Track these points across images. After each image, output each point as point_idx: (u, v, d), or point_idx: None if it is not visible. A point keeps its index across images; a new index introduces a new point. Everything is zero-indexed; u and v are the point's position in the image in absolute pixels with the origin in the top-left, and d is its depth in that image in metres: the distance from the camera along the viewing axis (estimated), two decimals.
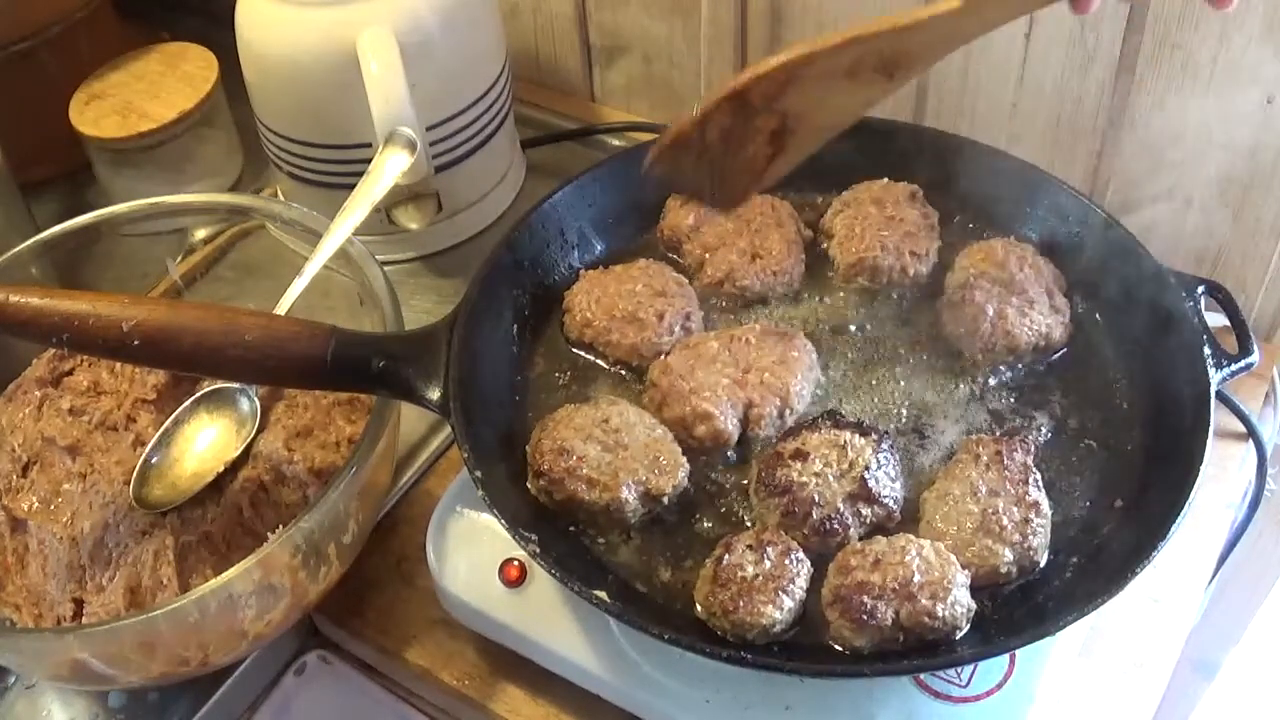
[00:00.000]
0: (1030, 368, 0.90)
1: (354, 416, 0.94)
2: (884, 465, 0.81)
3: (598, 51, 1.31)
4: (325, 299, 0.95)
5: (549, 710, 0.85)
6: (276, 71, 1.06)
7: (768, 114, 0.76)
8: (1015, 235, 0.98)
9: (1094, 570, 0.78)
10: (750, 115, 0.76)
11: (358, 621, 0.91)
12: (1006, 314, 0.89)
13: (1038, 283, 0.92)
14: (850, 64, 0.73)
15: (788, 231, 0.98)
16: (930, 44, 0.72)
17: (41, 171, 1.26)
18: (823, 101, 0.75)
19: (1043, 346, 0.90)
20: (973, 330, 0.89)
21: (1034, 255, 0.94)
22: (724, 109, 0.76)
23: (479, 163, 1.14)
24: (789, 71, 0.73)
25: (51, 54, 1.23)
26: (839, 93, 0.75)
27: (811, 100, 0.75)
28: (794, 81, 0.74)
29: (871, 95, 0.75)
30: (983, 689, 0.77)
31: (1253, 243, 1.02)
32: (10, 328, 0.77)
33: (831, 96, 0.75)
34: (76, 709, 0.88)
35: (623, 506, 0.81)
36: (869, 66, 0.73)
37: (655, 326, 0.92)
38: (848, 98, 0.76)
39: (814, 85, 0.74)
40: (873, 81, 0.74)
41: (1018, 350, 0.89)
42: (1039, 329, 0.89)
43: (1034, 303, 0.90)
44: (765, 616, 0.74)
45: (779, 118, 0.76)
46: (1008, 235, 0.98)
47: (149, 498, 0.88)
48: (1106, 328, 0.93)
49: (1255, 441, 0.98)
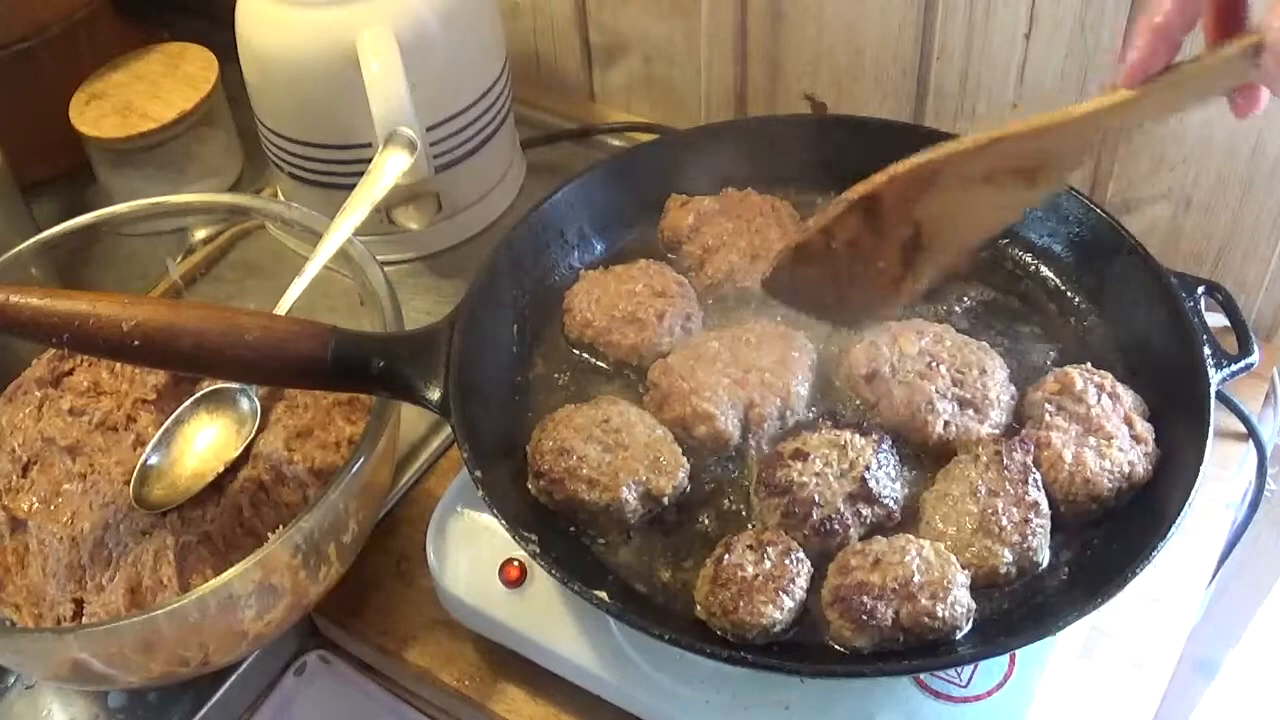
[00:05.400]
0: None
1: (354, 416, 0.94)
2: (884, 465, 0.81)
3: (598, 51, 1.31)
4: (325, 299, 0.95)
5: (549, 710, 0.85)
6: (276, 71, 1.06)
7: (901, 223, 0.71)
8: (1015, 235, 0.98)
9: (1094, 570, 0.78)
10: (881, 223, 0.71)
11: (358, 621, 0.91)
12: (1085, 459, 0.81)
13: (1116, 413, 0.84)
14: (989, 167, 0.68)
15: (788, 231, 0.98)
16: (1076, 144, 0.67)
17: (41, 171, 1.26)
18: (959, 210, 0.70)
19: (1125, 488, 0.81)
20: (1051, 479, 0.81)
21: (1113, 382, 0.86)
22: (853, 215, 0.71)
23: (479, 163, 1.14)
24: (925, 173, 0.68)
25: (51, 54, 1.23)
26: (977, 200, 0.70)
27: (948, 208, 0.70)
28: (930, 186, 0.69)
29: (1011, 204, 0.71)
30: (983, 689, 0.77)
31: (1253, 243, 1.02)
32: (10, 328, 0.77)
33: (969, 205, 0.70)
34: (76, 709, 0.88)
35: (623, 506, 0.81)
36: (1009, 170, 0.68)
37: (655, 326, 0.92)
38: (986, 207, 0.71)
39: (951, 191, 0.69)
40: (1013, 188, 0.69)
41: (1100, 498, 0.81)
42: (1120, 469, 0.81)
43: (1113, 438, 0.82)
44: (765, 616, 0.74)
45: (912, 227, 0.72)
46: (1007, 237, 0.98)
47: (149, 498, 0.88)
48: (1106, 327, 0.93)
49: (1255, 441, 0.98)
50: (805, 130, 1.04)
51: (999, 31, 1.03)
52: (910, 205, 0.70)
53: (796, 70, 1.18)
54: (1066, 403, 0.84)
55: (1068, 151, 0.67)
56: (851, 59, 1.13)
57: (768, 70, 1.19)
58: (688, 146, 1.04)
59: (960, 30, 1.05)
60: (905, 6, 1.07)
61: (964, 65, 1.07)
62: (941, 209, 0.70)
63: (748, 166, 1.02)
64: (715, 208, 1.00)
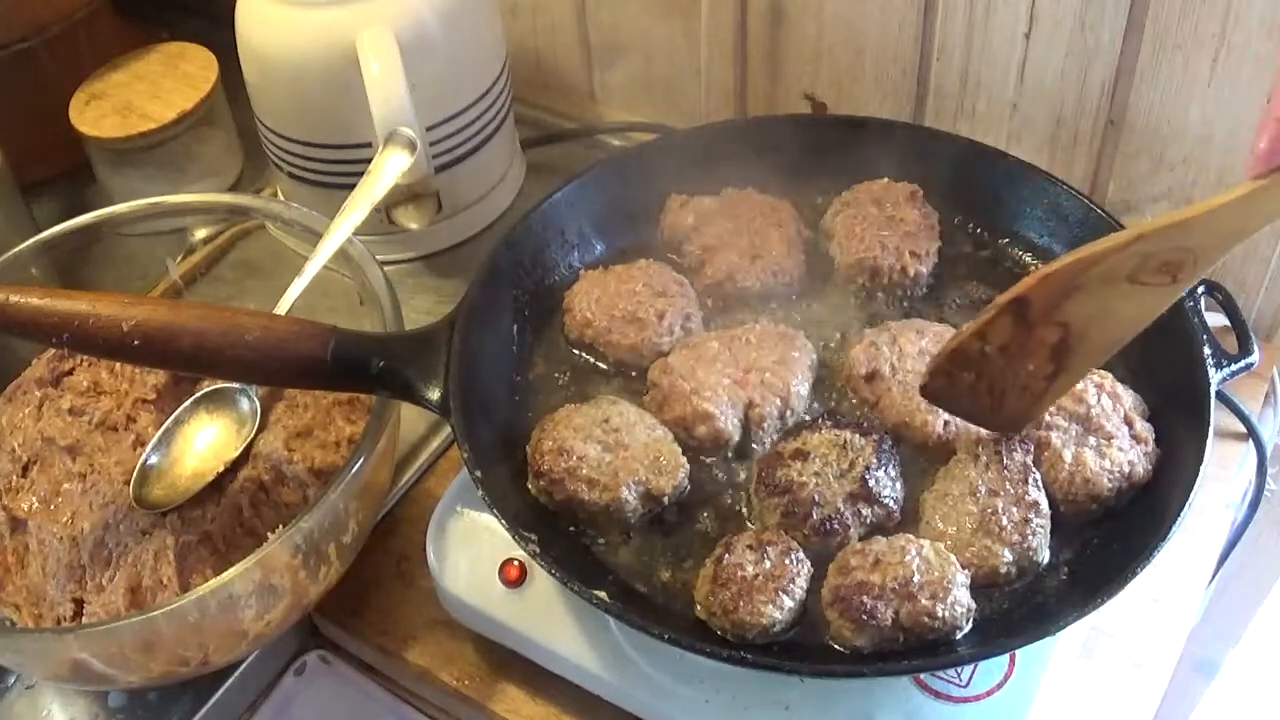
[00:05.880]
0: None
1: (354, 416, 0.94)
2: (884, 465, 0.81)
3: (598, 51, 1.31)
4: (325, 299, 0.95)
5: (549, 710, 0.85)
6: (276, 71, 1.06)
7: (1048, 326, 0.74)
8: (1015, 235, 0.98)
9: (1094, 570, 0.78)
10: (1031, 327, 0.74)
11: (358, 621, 0.91)
12: (1084, 458, 0.81)
13: (1116, 412, 0.84)
14: (1134, 266, 0.70)
15: (788, 231, 0.98)
16: (1220, 236, 0.68)
17: (41, 171, 1.26)
18: (1104, 311, 0.73)
19: (1125, 488, 0.81)
20: (1052, 479, 0.81)
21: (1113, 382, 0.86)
22: (1005, 317, 0.74)
23: (479, 163, 1.14)
24: (1072, 274, 0.71)
25: (51, 54, 1.23)
26: (1121, 300, 0.72)
27: (1093, 309, 0.73)
28: (1076, 289, 0.72)
29: (1154, 303, 0.73)
30: (983, 689, 0.77)
31: (1253, 243, 1.02)
32: (10, 328, 0.77)
33: (1113, 305, 0.72)
34: (76, 709, 0.88)
35: (623, 506, 0.81)
36: (1153, 268, 0.70)
37: (655, 326, 0.92)
38: (1129, 306, 0.73)
39: (1096, 292, 0.71)
40: (1156, 285, 0.71)
41: (1100, 498, 0.81)
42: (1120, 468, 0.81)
43: (1113, 437, 0.83)
44: (765, 616, 0.74)
45: (1060, 330, 0.74)
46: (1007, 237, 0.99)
47: (149, 498, 0.88)
48: None
49: (1255, 441, 0.98)
50: (805, 130, 1.04)
51: (999, 31, 1.03)
52: (1057, 309, 0.73)
53: (796, 70, 1.18)
54: (1066, 402, 0.84)
55: (1208, 246, 0.69)
56: (851, 59, 1.13)
57: (768, 70, 1.19)
58: (688, 146, 1.04)
59: (960, 30, 1.05)
60: (905, 6, 1.07)
61: (964, 65, 1.07)
62: (1088, 309, 0.73)
63: (748, 166, 1.02)
64: (715, 208, 1.00)
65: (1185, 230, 0.68)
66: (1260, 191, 0.65)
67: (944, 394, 0.80)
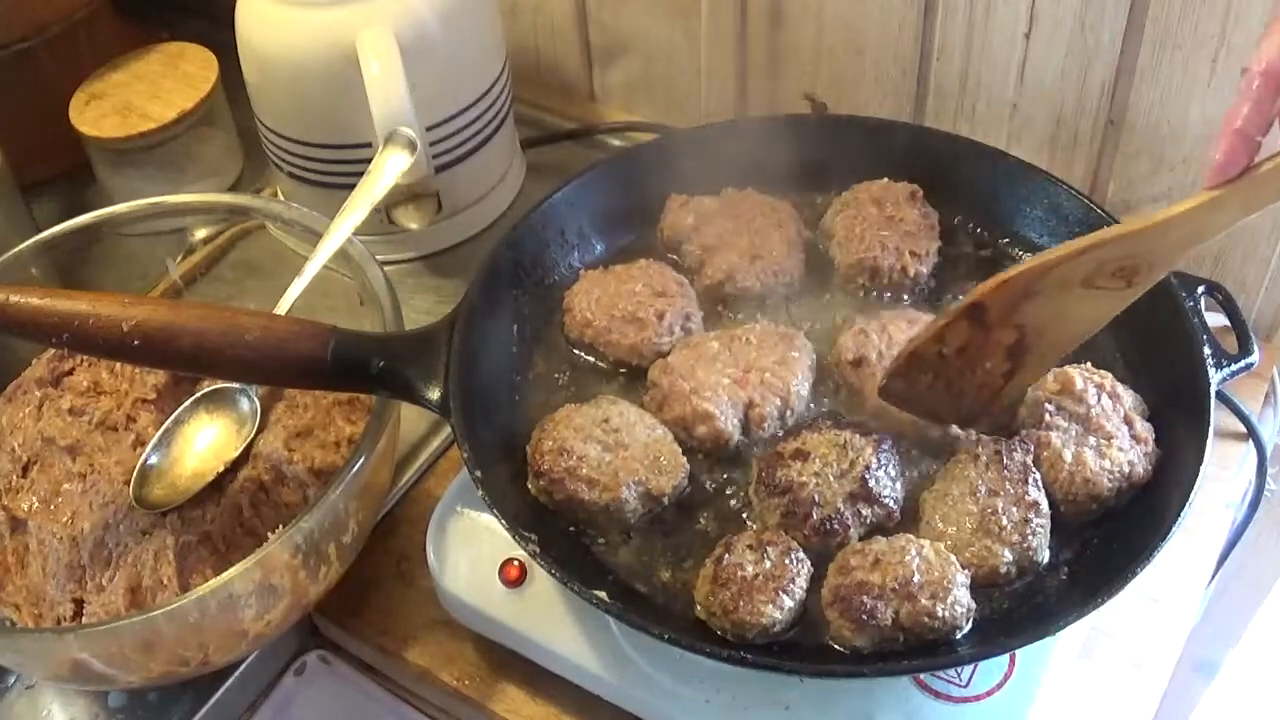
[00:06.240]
0: None
1: (354, 416, 0.94)
2: (884, 465, 0.81)
3: (598, 51, 1.31)
4: (325, 299, 0.95)
5: (549, 710, 0.85)
6: (276, 71, 1.06)
7: (1005, 328, 0.76)
8: (1015, 235, 0.98)
9: (1094, 570, 0.78)
10: (988, 330, 0.76)
11: (358, 621, 0.91)
12: (1084, 458, 0.81)
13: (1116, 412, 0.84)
14: (1088, 272, 0.72)
15: (788, 231, 0.98)
16: (1173, 244, 0.70)
17: (41, 171, 1.26)
18: (1060, 314, 0.75)
19: (1125, 488, 0.81)
20: (1052, 479, 0.81)
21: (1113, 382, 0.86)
22: (963, 321, 0.76)
23: (479, 163, 1.14)
24: (1028, 280, 0.73)
25: (51, 54, 1.23)
26: (1076, 303, 0.74)
27: (1049, 312, 0.75)
28: (1033, 293, 0.74)
29: (1109, 306, 0.75)
30: (983, 689, 0.77)
31: (1253, 243, 1.02)
32: (10, 328, 0.77)
33: (1069, 308, 0.75)
34: (76, 709, 0.88)
35: (623, 506, 0.81)
36: (1108, 273, 0.72)
37: (655, 326, 0.92)
38: (1085, 309, 0.75)
39: (1052, 296, 0.74)
40: (1111, 290, 0.73)
41: (1100, 497, 0.81)
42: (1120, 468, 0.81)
43: (1113, 437, 0.82)
44: (765, 616, 0.74)
45: (1017, 332, 0.76)
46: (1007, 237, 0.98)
47: (149, 498, 0.88)
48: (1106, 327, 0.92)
49: (1255, 441, 0.98)
50: (805, 130, 1.04)
51: (999, 31, 1.03)
52: (1014, 311, 0.75)
53: (796, 70, 1.18)
54: (1066, 402, 0.84)
55: (1163, 252, 0.71)
56: (851, 59, 1.13)
57: (768, 70, 1.19)
58: (688, 146, 1.04)
59: (960, 30, 1.05)
60: (905, 6, 1.07)
61: (964, 65, 1.07)
62: (1044, 313, 0.75)
63: (748, 166, 1.02)
64: (715, 208, 1.00)
65: (1140, 239, 0.70)
66: (1214, 202, 0.67)
67: (902, 395, 0.82)
